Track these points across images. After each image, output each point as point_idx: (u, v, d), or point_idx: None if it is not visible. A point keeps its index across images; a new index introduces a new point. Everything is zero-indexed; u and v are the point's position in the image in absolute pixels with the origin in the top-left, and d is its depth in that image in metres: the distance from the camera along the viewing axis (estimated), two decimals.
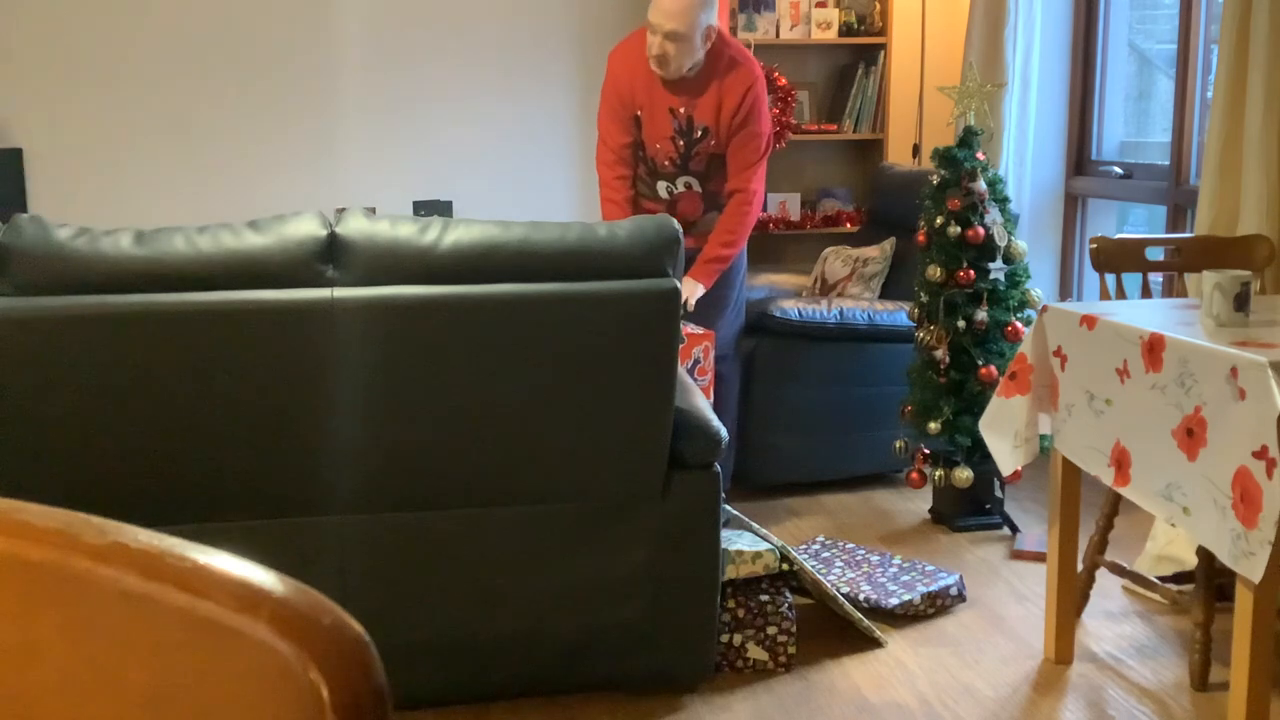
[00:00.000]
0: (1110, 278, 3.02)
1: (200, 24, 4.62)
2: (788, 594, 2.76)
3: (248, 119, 4.69)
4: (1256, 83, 3.05)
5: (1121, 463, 2.46)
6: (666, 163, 3.59)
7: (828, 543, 3.38)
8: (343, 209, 2.43)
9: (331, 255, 2.31)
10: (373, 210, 4.56)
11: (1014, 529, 3.62)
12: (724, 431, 2.53)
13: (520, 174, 4.91)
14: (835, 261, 4.50)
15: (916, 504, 3.86)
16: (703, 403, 2.60)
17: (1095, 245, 2.98)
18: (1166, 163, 4.05)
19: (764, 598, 2.73)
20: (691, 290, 3.53)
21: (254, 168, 4.72)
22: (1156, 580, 2.84)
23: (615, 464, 2.43)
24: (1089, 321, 2.56)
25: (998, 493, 3.68)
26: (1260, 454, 2.04)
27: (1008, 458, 2.76)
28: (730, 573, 2.67)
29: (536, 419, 2.37)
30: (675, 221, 2.44)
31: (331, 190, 4.74)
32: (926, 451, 3.70)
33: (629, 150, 3.60)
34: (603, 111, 3.64)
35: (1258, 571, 2.04)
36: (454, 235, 2.35)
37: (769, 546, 2.72)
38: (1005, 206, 3.64)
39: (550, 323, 2.34)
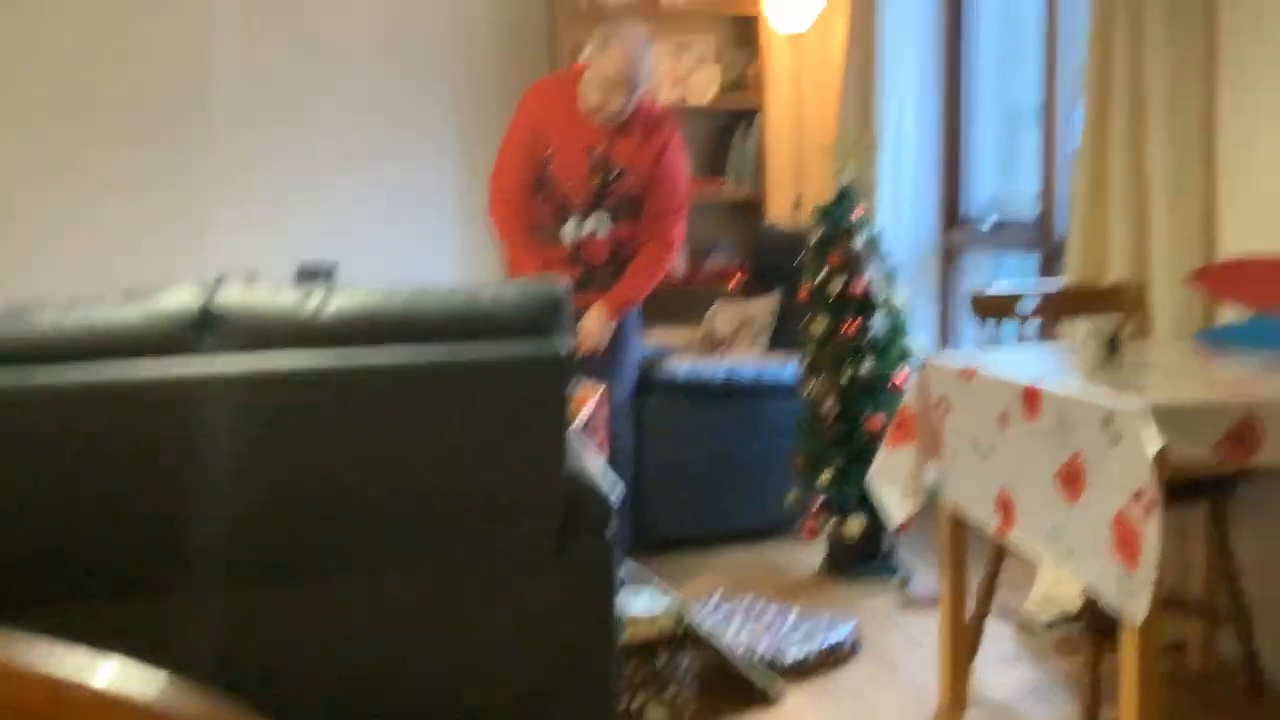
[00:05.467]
0: (988, 328, 3.10)
1: (76, 83, 4.51)
2: (686, 654, 2.74)
3: (126, 183, 4.58)
4: (1118, 137, 3.17)
5: (1006, 509, 2.51)
6: (578, 200, 3.59)
7: (725, 598, 3.38)
8: (221, 276, 2.37)
9: (208, 325, 2.25)
10: (254, 275, 4.48)
11: (905, 577, 3.66)
12: (616, 494, 2.52)
13: (406, 235, 4.87)
14: (722, 317, 4.54)
15: (811, 555, 3.89)
16: (595, 464, 2.58)
17: (973, 298, 3.06)
18: (1036, 214, 4.19)
19: (662, 659, 2.70)
20: (601, 325, 3.52)
21: (133, 232, 4.59)
22: (1044, 623, 2.90)
23: (506, 530, 2.39)
24: (968, 374, 2.62)
25: (888, 541, 3.72)
26: (1138, 496, 2.10)
27: (897, 507, 2.80)
28: (628, 636, 2.65)
29: (423, 486, 2.32)
30: (565, 282, 2.43)
31: (213, 253, 4.62)
32: (819, 503, 3.73)
33: (526, 188, 3.59)
34: (505, 149, 3.64)
35: (1141, 612, 2.09)
36: (337, 302, 2.30)
37: (667, 607, 2.70)
38: (884, 260, 3.72)
39: (437, 388, 2.30)
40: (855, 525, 3.59)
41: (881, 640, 3.21)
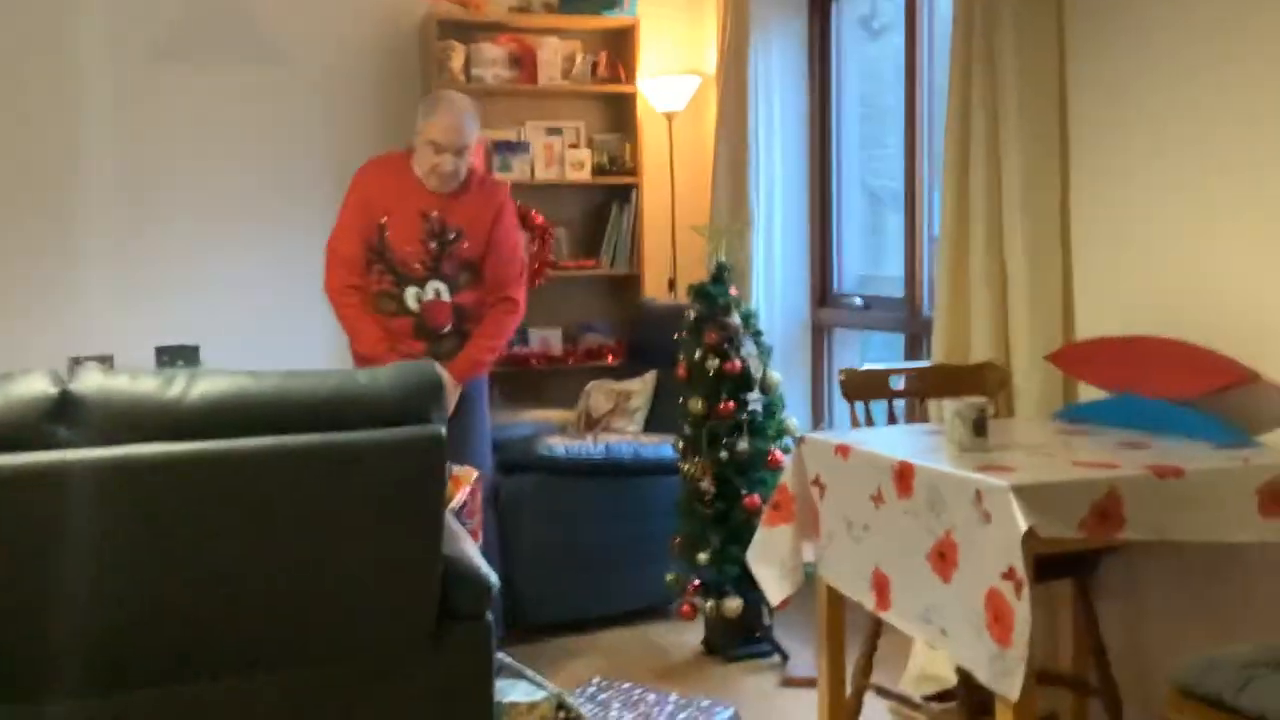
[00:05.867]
0: (859, 405, 3.16)
1: None
2: None
3: None
4: (978, 221, 3.29)
5: (881, 588, 2.53)
6: (417, 265, 3.57)
7: (604, 684, 3.33)
8: (78, 360, 2.27)
9: (64, 415, 2.15)
10: (110, 359, 4.33)
11: (784, 656, 3.67)
12: (494, 578, 2.47)
13: (270, 317, 4.76)
14: (599, 396, 4.54)
15: (689, 636, 3.87)
16: (471, 549, 2.54)
17: (844, 377, 3.11)
18: (901, 294, 4.31)
19: None
20: (449, 389, 3.49)
21: None
22: (920, 700, 2.92)
23: (381, 620, 2.33)
24: (843, 451, 2.65)
25: (767, 620, 3.73)
26: (1009, 575, 2.14)
27: (775, 587, 2.80)
28: None
29: (297, 577, 2.24)
30: (438, 366, 2.40)
31: (69, 337, 4.45)
32: (697, 583, 3.72)
33: (362, 260, 3.59)
34: (340, 223, 3.65)
35: (1015, 689, 2.12)
36: (201, 388, 2.23)
37: (544, 695, 2.65)
38: (759, 339, 3.77)
39: (309, 476, 2.24)
40: (733, 605, 3.59)
41: None
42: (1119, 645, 2.89)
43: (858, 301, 4.64)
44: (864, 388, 3.13)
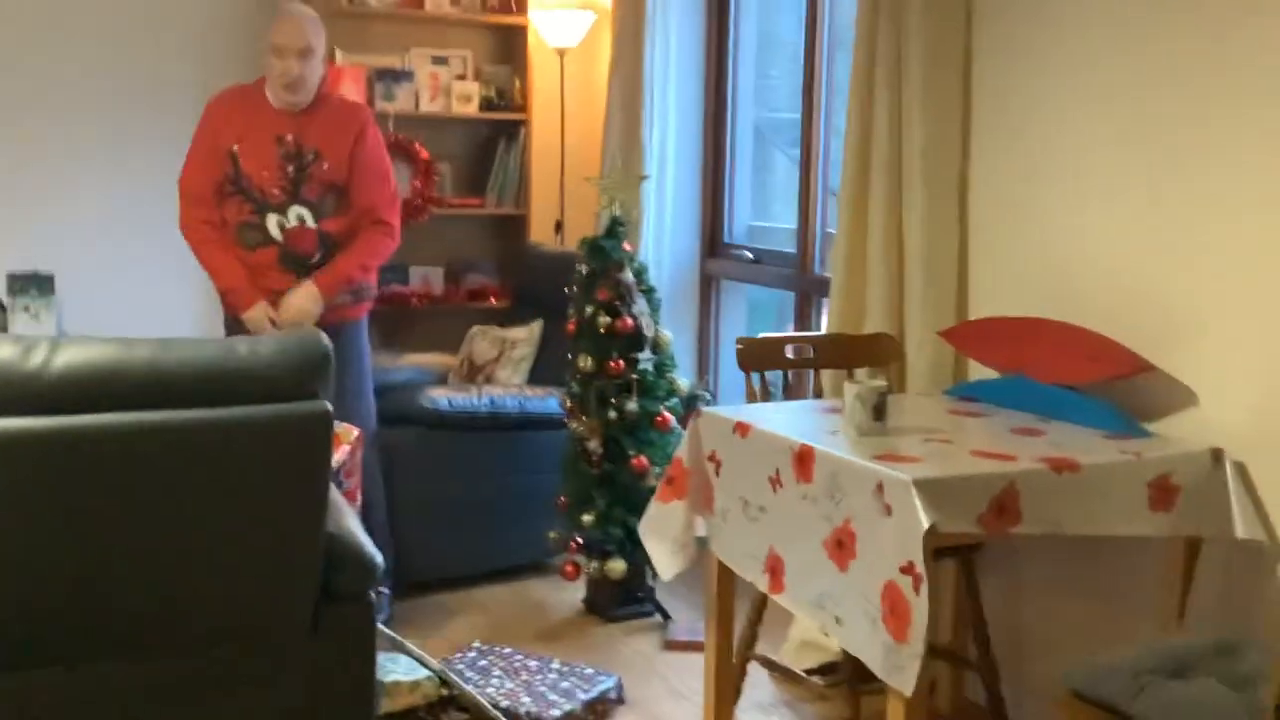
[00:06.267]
0: (755, 375, 3.11)
1: None
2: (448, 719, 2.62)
3: None
4: (878, 188, 3.25)
5: (775, 570, 2.51)
6: (276, 191, 3.43)
7: (484, 649, 3.27)
8: None
9: None
10: None
11: (666, 616, 3.66)
12: (379, 558, 2.37)
13: (129, 248, 4.49)
14: (483, 342, 4.42)
15: (570, 594, 3.83)
16: (355, 524, 2.42)
17: (741, 346, 3.06)
18: (793, 250, 4.26)
19: None
20: (310, 302, 3.38)
21: None
22: (804, 674, 2.93)
23: (259, 604, 2.21)
24: (742, 429, 2.61)
25: (650, 581, 3.70)
26: (907, 570, 2.13)
27: (666, 562, 2.76)
28: (387, 706, 2.51)
29: (168, 563, 2.11)
30: (324, 337, 2.26)
31: None
32: (579, 541, 3.67)
33: (214, 192, 3.45)
34: (190, 157, 3.52)
35: (909, 685, 2.12)
36: (66, 357, 2.05)
37: (427, 673, 2.57)
38: (652, 296, 3.69)
39: (183, 455, 2.09)
40: (617, 567, 3.56)
41: (643, 691, 3.18)
42: (997, 622, 2.94)
43: (748, 254, 4.59)
44: (761, 358, 3.08)
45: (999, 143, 3.07)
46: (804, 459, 2.41)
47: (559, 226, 5.03)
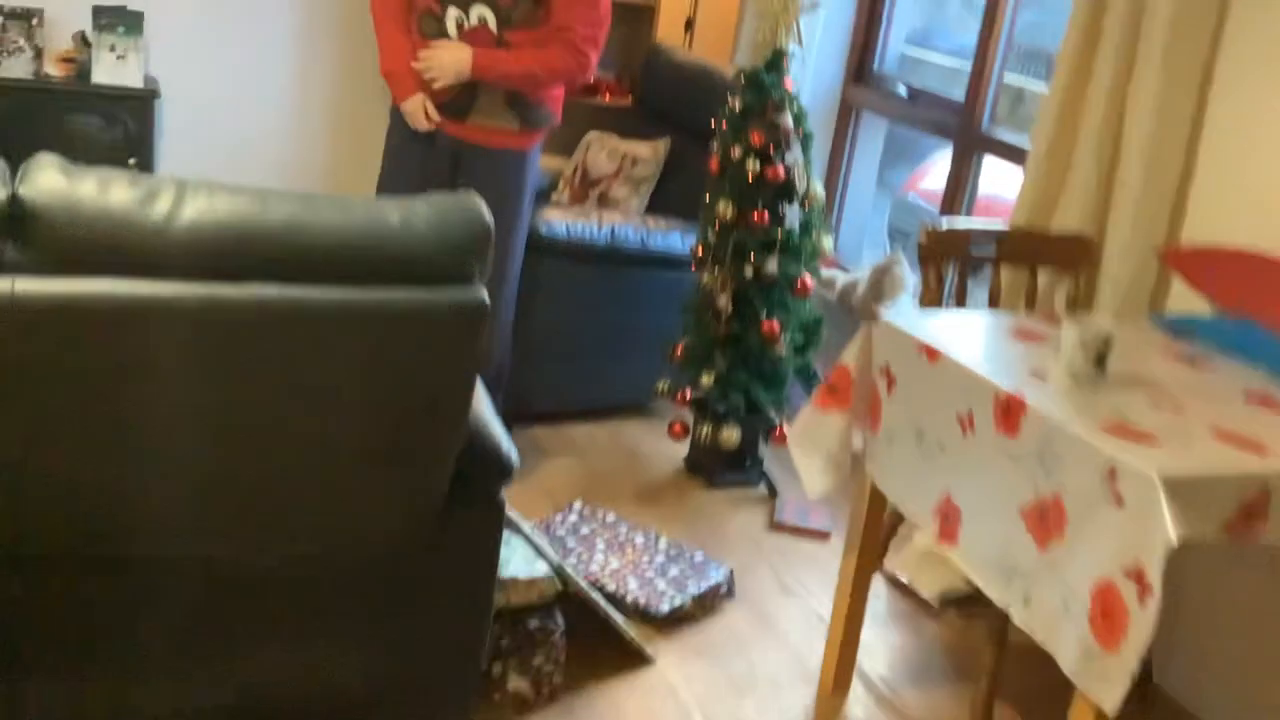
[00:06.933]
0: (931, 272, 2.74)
1: None
2: (559, 618, 2.40)
3: None
4: (1107, 50, 2.77)
5: (948, 518, 2.23)
6: None
7: (586, 513, 3.04)
8: (28, 161, 1.72)
9: (11, 228, 1.64)
10: (40, 14, 3.67)
11: (773, 492, 3.42)
12: (514, 455, 2.10)
13: (238, 55, 4.09)
14: (600, 153, 4.02)
15: (669, 446, 3.58)
16: (492, 416, 2.14)
17: (925, 237, 2.68)
18: (959, 98, 3.80)
19: (534, 624, 2.36)
20: (454, 62, 2.96)
21: None
22: (938, 607, 2.70)
23: (390, 508, 1.95)
24: (930, 354, 2.27)
25: (760, 451, 3.45)
26: (1134, 575, 1.84)
27: (817, 479, 2.47)
28: (501, 601, 2.29)
29: (291, 462, 1.84)
30: (486, 211, 1.90)
31: None
32: (689, 397, 3.39)
33: None
34: None
35: (1114, 701, 1.86)
36: (192, 211, 1.72)
37: (545, 571, 2.34)
38: (809, 144, 3.28)
39: (321, 338, 1.78)
40: (732, 436, 3.29)
41: (752, 584, 2.96)
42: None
43: (902, 90, 4.11)
44: (943, 250, 2.71)
45: (1261, 32, 2.59)
46: (1010, 410, 2.08)
47: (689, 24, 4.52)
